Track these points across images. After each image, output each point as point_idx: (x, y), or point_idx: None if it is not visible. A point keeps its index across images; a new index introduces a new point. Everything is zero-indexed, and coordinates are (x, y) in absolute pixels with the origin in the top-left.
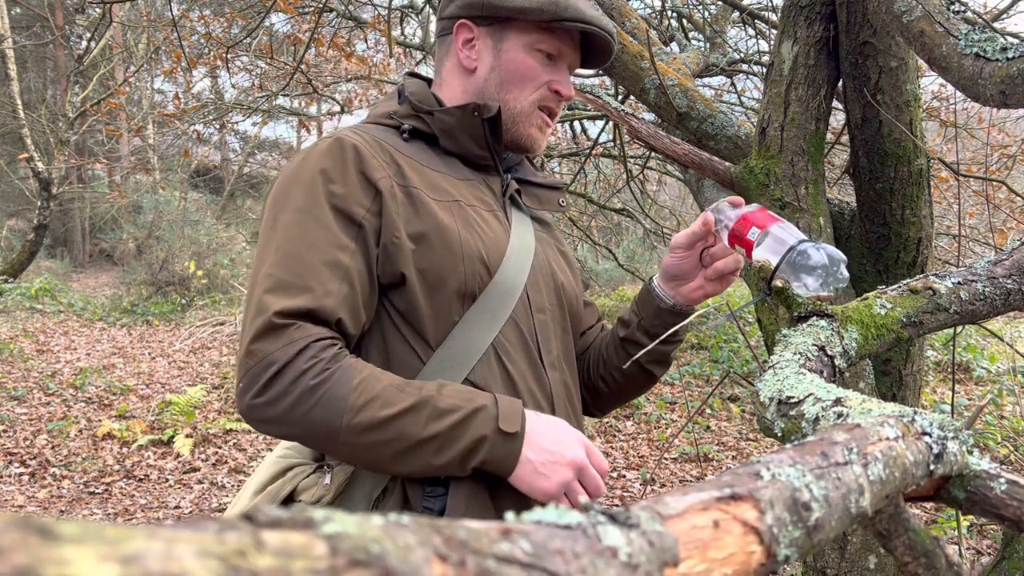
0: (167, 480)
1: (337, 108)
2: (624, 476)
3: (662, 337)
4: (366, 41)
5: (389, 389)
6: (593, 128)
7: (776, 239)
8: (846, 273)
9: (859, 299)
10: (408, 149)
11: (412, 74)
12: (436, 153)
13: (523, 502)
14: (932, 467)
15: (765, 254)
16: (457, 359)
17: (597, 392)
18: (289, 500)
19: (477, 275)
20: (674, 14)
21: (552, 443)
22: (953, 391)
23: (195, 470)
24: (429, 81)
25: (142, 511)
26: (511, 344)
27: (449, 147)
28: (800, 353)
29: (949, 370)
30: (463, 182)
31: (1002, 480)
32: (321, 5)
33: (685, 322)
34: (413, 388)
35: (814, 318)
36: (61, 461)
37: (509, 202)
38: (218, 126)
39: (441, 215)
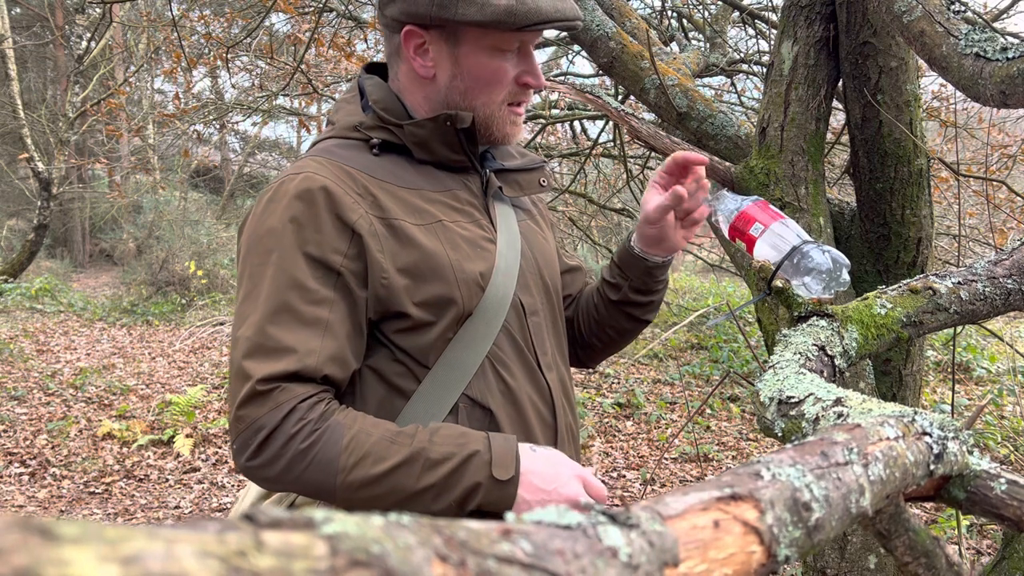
0: (167, 480)
1: None
2: (624, 476)
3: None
4: (366, 41)
5: (380, 444)
6: (593, 128)
7: (779, 237)
8: (848, 277)
9: (859, 299)
10: (380, 168)
11: (370, 67)
12: (410, 164)
13: None
14: (932, 467)
15: (767, 251)
16: (453, 376)
17: (591, 348)
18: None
19: (473, 296)
20: (674, 14)
21: (548, 482)
22: (953, 391)
23: (195, 470)
24: (384, 69)
25: (142, 511)
26: (506, 354)
27: (423, 158)
28: (800, 353)
29: (949, 370)
30: (442, 194)
31: (1002, 480)
32: (321, 5)
33: (691, 317)
34: (405, 438)
35: (814, 318)
36: (61, 461)
37: (492, 199)
38: (218, 126)
39: (427, 243)
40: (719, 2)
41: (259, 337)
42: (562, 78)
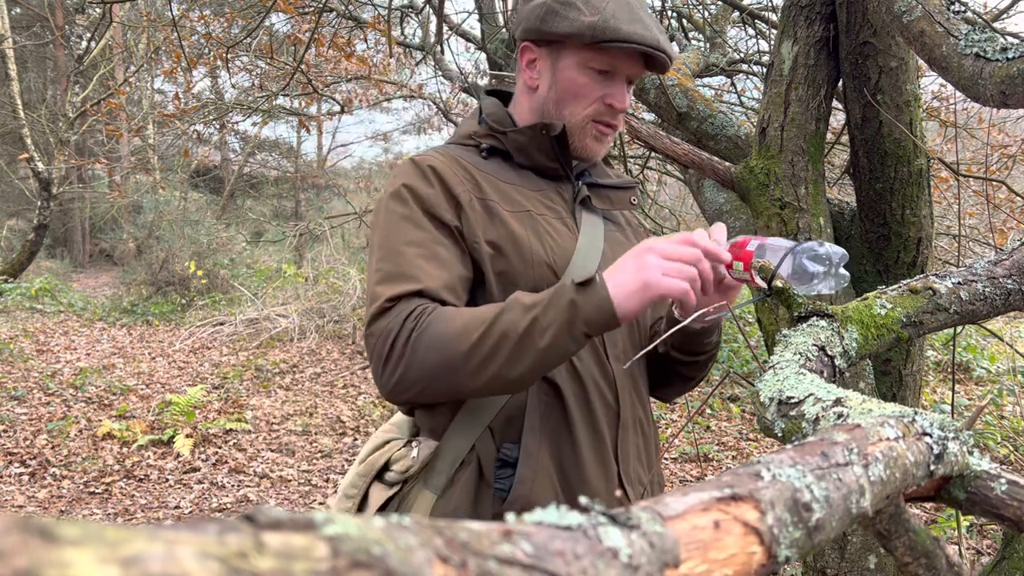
0: (167, 480)
1: (337, 108)
2: None
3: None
4: (366, 41)
5: (480, 311)
6: None
7: (773, 247)
8: (846, 272)
9: (859, 299)
10: (486, 166)
11: (492, 92)
12: (512, 167)
13: (586, 482)
14: (933, 467)
15: (765, 258)
16: None
17: (659, 385)
18: (385, 469)
19: (545, 278)
20: (674, 14)
21: (629, 255)
22: (953, 391)
23: (195, 470)
24: (509, 96)
25: (142, 511)
26: None
27: (522, 162)
28: (800, 353)
29: (949, 370)
30: (535, 193)
31: (1002, 480)
32: (321, 5)
33: (680, 326)
34: (495, 305)
35: (814, 318)
36: (61, 461)
37: (580, 207)
38: (218, 126)
39: (514, 225)
40: (719, 2)
41: (387, 266)
42: None
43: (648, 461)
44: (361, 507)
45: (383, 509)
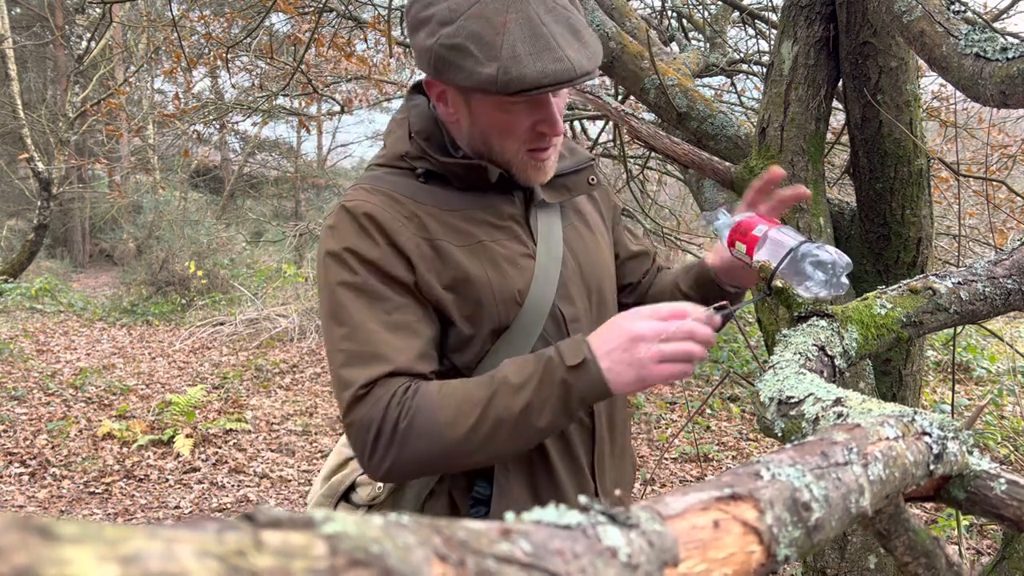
0: (167, 480)
1: (337, 108)
2: None
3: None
4: (366, 41)
5: (468, 393)
6: (593, 128)
7: (775, 242)
8: (847, 281)
9: (859, 299)
10: (425, 194)
11: (416, 88)
12: (452, 188)
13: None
14: (932, 467)
15: (768, 251)
16: None
17: None
18: (351, 489)
19: (511, 310)
20: (674, 14)
21: (617, 339)
22: (953, 391)
23: (195, 470)
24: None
25: (142, 511)
26: None
27: (463, 186)
28: (800, 353)
29: (949, 370)
30: (485, 211)
31: (1002, 480)
32: (321, 5)
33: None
34: (485, 380)
35: (814, 318)
36: (61, 461)
37: (535, 209)
38: (218, 126)
39: (468, 264)
40: (719, 2)
41: (351, 346)
42: None
43: (622, 463)
44: None
45: None
